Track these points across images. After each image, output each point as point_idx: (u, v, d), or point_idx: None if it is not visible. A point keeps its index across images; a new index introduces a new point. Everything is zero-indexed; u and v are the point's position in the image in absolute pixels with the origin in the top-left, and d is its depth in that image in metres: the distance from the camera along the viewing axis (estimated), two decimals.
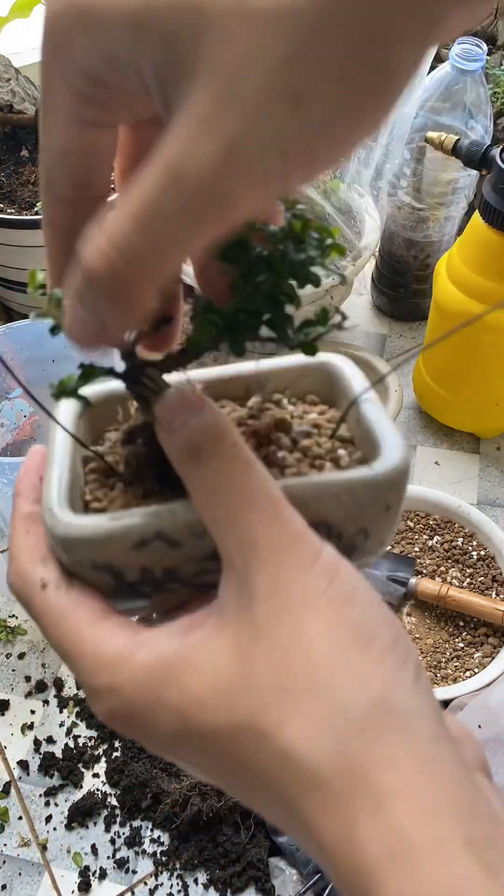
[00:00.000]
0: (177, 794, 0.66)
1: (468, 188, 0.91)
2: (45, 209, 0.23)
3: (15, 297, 0.97)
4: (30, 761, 0.71)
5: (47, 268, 0.24)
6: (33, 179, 0.93)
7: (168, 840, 0.66)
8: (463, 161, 0.76)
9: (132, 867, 0.65)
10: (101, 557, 0.24)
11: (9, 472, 0.63)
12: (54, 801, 0.69)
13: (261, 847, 0.65)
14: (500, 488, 0.90)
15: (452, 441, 0.94)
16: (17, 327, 0.74)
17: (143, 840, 0.66)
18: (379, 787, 0.20)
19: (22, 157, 0.96)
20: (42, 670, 0.76)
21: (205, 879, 0.64)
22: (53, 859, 0.66)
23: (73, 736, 0.72)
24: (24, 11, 0.88)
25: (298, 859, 0.64)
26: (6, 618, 0.80)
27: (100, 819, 0.68)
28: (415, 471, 0.91)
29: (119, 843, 0.66)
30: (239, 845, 0.65)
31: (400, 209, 0.95)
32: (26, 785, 0.70)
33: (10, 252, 0.89)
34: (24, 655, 0.77)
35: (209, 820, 0.65)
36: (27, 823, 0.68)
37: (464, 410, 0.91)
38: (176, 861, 0.65)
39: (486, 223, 0.73)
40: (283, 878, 0.64)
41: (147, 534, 0.24)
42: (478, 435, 0.94)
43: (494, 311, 0.78)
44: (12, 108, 0.93)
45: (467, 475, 0.91)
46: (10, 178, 0.94)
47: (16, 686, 0.76)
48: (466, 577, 0.77)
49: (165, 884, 0.64)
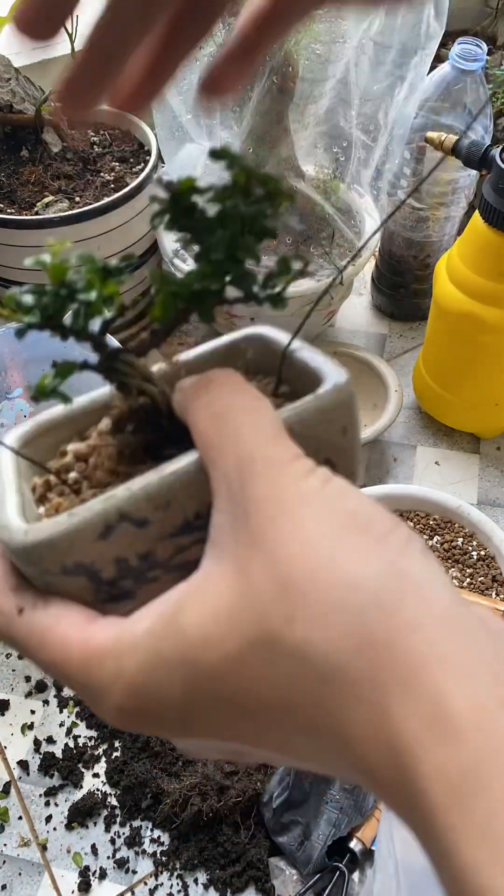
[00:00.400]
0: (177, 794, 0.66)
1: (468, 188, 0.91)
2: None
3: None
4: (30, 761, 0.71)
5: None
6: (33, 179, 0.93)
7: (168, 840, 0.66)
8: (463, 161, 0.76)
9: (132, 867, 0.65)
10: (70, 558, 0.23)
11: None
12: (54, 801, 0.69)
13: (261, 847, 0.65)
14: (500, 488, 0.90)
15: (452, 441, 0.94)
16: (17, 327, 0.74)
17: (143, 840, 0.66)
18: (408, 657, 0.18)
19: (22, 157, 0.96)
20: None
21: (205, 879, 0.64)
22: (53, 859, 0.66)
23: (73, 736, 0.72)
24: None
25: (298, 859, 0.64)
26: None
27: (100, 819, 0.68)
28: (415, 471, 0.92)
29: (119, 843, 0.66)
30: (239, 845, 0.65)
31: (400, 209, 0.95)
32: (26, 785, 0.70)
33: (10, 252, 0.89)
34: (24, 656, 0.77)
35: (209, 820, 0.65)
36: (27, 823, 0.68)
37: (464, 410, 0.91)
38: (176, 861, 0.65)
39: (486, 223, 0.73)
40: (283, 878, 0.64)
41: (109, 518, 0.23)
42: (478, 435, 0.94)
43: (494, 312, 0.78)
44: (12, 108, 0.93)
45: (467, 475, 0.91)
46: (10, 178, 0.94)
47: (16, 686, 0.76)
48: (466, 577, 0.77)
49: (165, 884, 0.64)
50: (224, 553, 0.21)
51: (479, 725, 0.17)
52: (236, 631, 0.20)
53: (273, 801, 0.66)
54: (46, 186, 0.93)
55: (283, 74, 0.79)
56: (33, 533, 0.23)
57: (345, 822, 0.65)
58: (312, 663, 0.19)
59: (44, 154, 0.96)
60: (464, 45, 0.81)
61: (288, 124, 0.84)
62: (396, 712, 0.18)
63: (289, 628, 0.19)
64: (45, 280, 0.24)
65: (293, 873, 0.64)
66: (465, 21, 1.36)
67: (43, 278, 0.23)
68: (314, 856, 0.63)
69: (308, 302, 0.90)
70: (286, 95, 0.81)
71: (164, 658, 0.21)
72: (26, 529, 0.23)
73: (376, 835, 0.62)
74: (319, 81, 0.82)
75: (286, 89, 0.80)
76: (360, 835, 0.65)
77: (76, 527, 0.22)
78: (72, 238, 0.88)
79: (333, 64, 0.80)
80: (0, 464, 0.27)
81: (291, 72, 0.79)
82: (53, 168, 0.95)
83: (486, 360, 0.84)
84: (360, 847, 0.64)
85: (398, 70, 0.81)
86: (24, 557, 0.23)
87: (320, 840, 0.64)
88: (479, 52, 0.80)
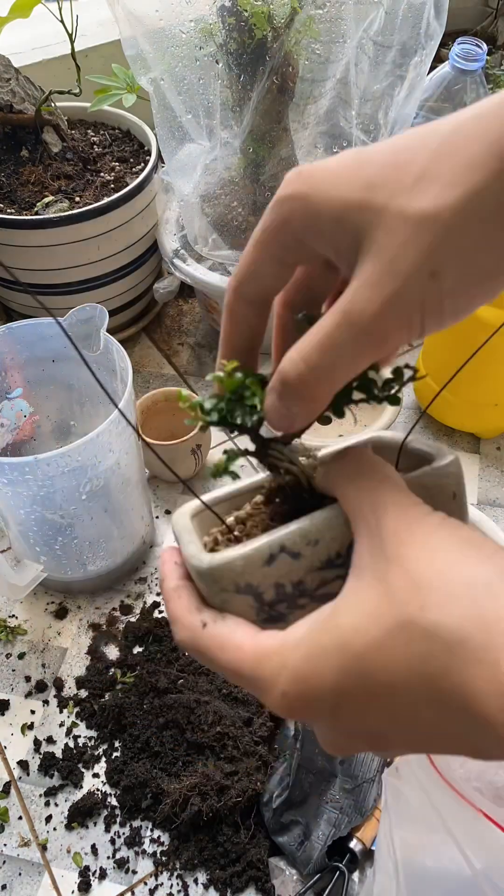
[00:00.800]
0: (177, 794, 0.66)
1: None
2: (230, 304, 0.32)
3: (15, 297, 0.98)
4: (30, 761, 0.71)
5: (221, 345, 0.33)
6: (33, 179, 0.93)
7: (168, 840, 0.66)
8: None
9: (132, 867, 0.65)
10: (243, 579, 0.30)
11: (9, 472, 0.63)
12: (54, 801, 0.69)
13: (261, 847, 0.65)
14: (500, 488, 0.90)
15: (452, 441, 0.94)
16: (17, 327, 0.74)
17: (143, 840, 0.66)
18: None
19: (22, 157, 0.96)
20: (42, 670, 0.76)
21: (205, 879, 0.64)
22: (53, 859, 0.66)
23: (73, 736, 0.72)
24: (24, 11, 0.88)
25: (298, 859, 0.64)
26: (6, 618, 0.80)
27: (100, 819, 0.68)
28: None
29: (119, 843, 0.66)
30: (239, 845, 0.65)
31: None
32: (26, 785, 0.70)
33: (10, 252, 0.89)
34: (24, 655, 0.78)
35: (209, 820, 0.65)
36: (27, 823, 0.68)
37: (464, 410, 0.91)
38: (176, 861, 0.65)
39: None
40: (283, 878, 0.64)
41: (274, 548, 0.30)
42: (478, 435, 0.94)
43: (494, 312, 0.78)
44: (12, 108, 0.93)
45: (467, 475, 0.91)
46: (10, 178, 0.94)
47: (16, 686, 0.76)
48: None
49: (165, 884, 0.64)
50: (365, 571, 0.27)
51: None
52: (380, 621, 0.25)
53: (273, 801, 0.66)
54: (46, 186, 0.93)
55: (283, 74, 0.79)
56: (217, 558, 0.30)
57: (345, 822, 0.65)
58: (441, 638, 0.24)
59: (44, 154, 0.96)
60: (464, 45, 0.81)
61: (288, 124, 0.84)
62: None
63: (421, 614, 0.25)
64: (36, 277, 0.25)
65: (293, 873, 0.64)
66: (465, 21, 1.36)
67: (37, 276, 0.24)
68: (314, 856, 0.63)
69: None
70: (286, 95, 0.81)
71: (322, 647, 0.26)
72: (212, 557, 0.30)
73: (376, 835, 0.62)
74: (319, 81, 0.82)
75: (286, 89, 0.80)
76: (360, 835, 0.65)
77: (249, 553, 0.30)
78: (72, 238, 0.88)
79: (333, 64, 0.80)
80: (180, 522, 0.34)
81: (291, 72, 0.79)
82: (53, 168, 0.95)
83: (486, 360, 0.84)
84: (360, 847, 0.64)
85: (398, 70, 0.81)
86: (208, 578, 0.30)
87: (320, 840, 0.64)
88: (479, 52, 0.80)
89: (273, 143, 0.84)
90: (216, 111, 0.83)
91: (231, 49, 0.77)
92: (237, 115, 0.82)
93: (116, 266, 0.95)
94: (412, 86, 0.82)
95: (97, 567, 0.79)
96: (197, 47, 0.80)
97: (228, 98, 0.82)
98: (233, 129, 0.85)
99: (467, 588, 0.25)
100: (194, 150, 0.88)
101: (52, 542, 0.74)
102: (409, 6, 0.77)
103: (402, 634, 0.25)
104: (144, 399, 0.87)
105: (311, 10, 0.76)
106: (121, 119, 1.02)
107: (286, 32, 0.76)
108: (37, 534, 0.73)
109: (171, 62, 0.81)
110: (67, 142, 0.97)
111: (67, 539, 0.73)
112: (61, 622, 0.80)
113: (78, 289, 0.94)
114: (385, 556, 0.27)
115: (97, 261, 0.92)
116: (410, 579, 0.26)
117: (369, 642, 0.25)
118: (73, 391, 0.83)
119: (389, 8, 0.77)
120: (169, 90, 0.83)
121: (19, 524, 0.72)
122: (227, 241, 0.89)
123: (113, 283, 0.96)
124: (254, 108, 0.79)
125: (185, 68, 0.81)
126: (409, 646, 0.25)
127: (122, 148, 1.00)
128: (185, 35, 0.79)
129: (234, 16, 0.76)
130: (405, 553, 0.26)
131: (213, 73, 0.81)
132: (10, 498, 0.67)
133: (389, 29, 0.79)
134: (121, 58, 0.84)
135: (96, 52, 1.10)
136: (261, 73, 0.77)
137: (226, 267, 0.90)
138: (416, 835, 0.49)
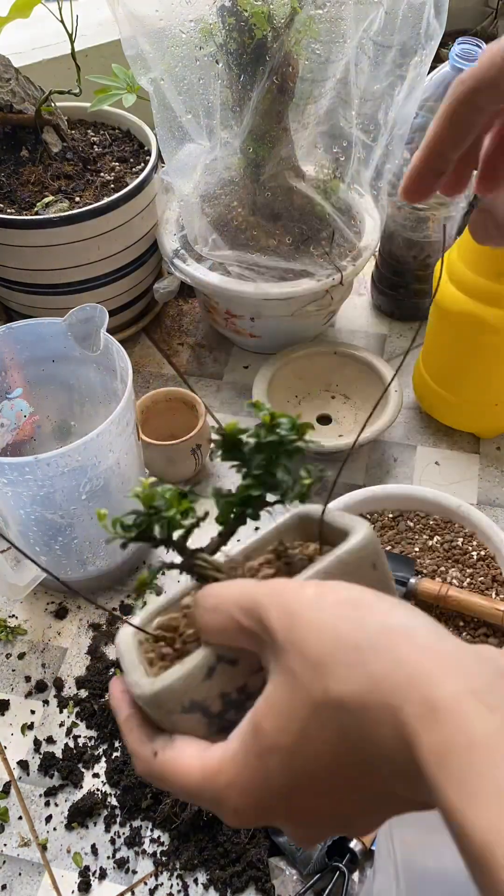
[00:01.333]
0: None
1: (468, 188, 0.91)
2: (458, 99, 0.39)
3: (15, 297, 0.97)
4: (30, 761, 0.71)
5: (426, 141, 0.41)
6: (33, 179, 0.93)
7: (168, 840, 0.66)
8: None
9: (132, 867, 0.65)
10: (186, 697, 0.30)
11: (9, 472, 0.63)
12: (54, 801, 0.69)
13: (261, 847, 0.65)
14: (500, 488, 0.90)
15: (452, 441, 0.94)
16: (17, 327, 0.74)
17: (143, 840, 0.66)
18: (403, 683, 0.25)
19: (22, 157, 0.96)
20: (42, 670, 0.76)
21: (205, 879, 0.64)
22: (53, 859, 0.66)
23: (73, 736, 0.72)
24: (23, 11, 0.88)
25: (298, 859, 0.64)
26: (6, 618, 0.80)
27: (100, 819, 0.68)
28: (415, 471, 0.92)
29: (119, 843, 0.66)
30: (239, 845, 0.65)
31: (400, 209, 0.95)
32: (26, 785, 0.70)
33: (10, 252, 0.89)
34: (24, 655, 0.78)
35: (209, 820, 0.65)
36: (27, 823, 0.68)
37: (464, 410, 0.91)
38: (176, 861, 0.65)
39: None
40: (283, 878, 0.64)
41: (210, 661, 0.30)
42: (478, 435, 0.94)
43: (494, 312, 0.78)
44: (12, 108, 0.93)
45: (467, 475, 0.91)
46: (10, 178, 0.94)
47: (16, 686, 0.76)
48: (466, 577, 0.77)
49: (165, 884, 0.64)
50: (275, 668, 0.28)
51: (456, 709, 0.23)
52: (297, 714, 0.26)
53: None
54: (46, 186, 0.93)
55: (282, 74, 0.79)
56: (158, 683, 0.30)
57: None
58: (348, 711, 0.25)
59: (44, 154, 0.96)
60: (464, 45, 0.81)
61: (288, 124, 0.84)
62: (406, 721, 0.24)
63: (326, 695, 0.26)
64: (36, 277, 0.26)
65: (293, 873, 0.64)
66: (465, 21, 1.36)
67: (37, 276, 0.25)
68: (314, 856, 0.63)
69: (307, 302, 0.90)
70: (286, 95, 0.81)
71: (257, 756, 0.27)
72: (152, 682, 0.31)
73: (376, 835, 0.62)
74: (319, 81, 0.82)
75: (286, 89, 0.80)
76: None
77: (188, 672, 0.30)
78: (72, 238, 0.88)
79: (333, 64, 0.80)
80: (122, 645, 0.35)
81: (291, 72, 0.79)
82: (53, 168, 0.95)
83: (487, 360, 0.84)
84: (360, 847, 0.64)
85: (398, 70, 0.81)
86: (153, 703, 0.31)
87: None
88: (479, 52, 0.80)
89: (273, 143, 0.84)
90: (216, 111, 0.83)
91: (231, 49, 0.77)
92: (237, 115, 0.82)
93: (116, 266, 0.95)
94: (412, 86, 0.82)
95: (97, 567, 0.79)
96: (197, 47, 0.80)
97: (228, 98, 0.82)
98: (233, 129, 0.85)
99: (357, 653, 0.26)
100: (194, 150, 0.88)
101: (52, 542, 0.74)
102: (409, 6, 0.77)
103: (318, 719, 0.26)
104: (144, 399, 0.87)
105: (311, 10, 0.76)
106: (121, 119, 1.02)
107: (286, 32, 0.76)
108: (36, 534, 0.73)
109: (171, 62, 0.81)
110: (67, 142, 0.97)
111: (67, 539, 0.73)
112: (61, 622, 0.80)
113: (78, 289, 0.94)
114: (280, 649, 0.28)
115: (97, 261, 0.92)
116: (308, 662, 0.27)
117: (295, 738, 0.26)
118: (73, 391, 0.83)
119: (389, 8, 0.77)
120: (169, 90, 0.83)
121: (19, 524, 0.72)
122: (227, 241, 0.89)
123: (113, 283, 0.96)
124: (254, 108, 0.79)
125: (185, 68, 0.81)
126: (326, 728, 0.26)
127: (122, 148, 1.00)
128: (185, 35, 0.79)
129: (234, 16, 0.76)
130: (295, 637, 0.27)
131: (213, 73, 0.81)
132: (10, 498, 0.67)
133: (389, 29, 0.79)
134: (121, 58, 0.84)
135: (96, 52, 1.10)
136: (261, 73, 0.77)
137: (226, 267, 0.90)
138: (416, 835, 0.49)
